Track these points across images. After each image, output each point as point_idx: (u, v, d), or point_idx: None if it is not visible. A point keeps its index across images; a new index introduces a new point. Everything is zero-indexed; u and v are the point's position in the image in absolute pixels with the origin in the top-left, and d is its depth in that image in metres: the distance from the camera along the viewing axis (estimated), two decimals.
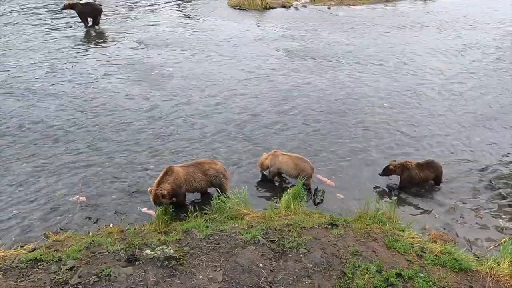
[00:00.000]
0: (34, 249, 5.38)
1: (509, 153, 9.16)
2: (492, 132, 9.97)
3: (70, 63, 12.68)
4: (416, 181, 7.71)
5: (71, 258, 4.93)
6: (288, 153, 7.75)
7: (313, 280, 4.76)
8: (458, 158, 8.89)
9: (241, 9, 19.81)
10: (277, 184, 7.87)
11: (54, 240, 5.73)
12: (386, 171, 7.72)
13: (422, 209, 7.33)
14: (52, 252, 5.18)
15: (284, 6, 20.54)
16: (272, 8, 20.15)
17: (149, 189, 6.62)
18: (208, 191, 7.28)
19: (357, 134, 9.61)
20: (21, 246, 5.76)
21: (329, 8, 20.79)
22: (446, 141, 9.48)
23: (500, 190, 7.87)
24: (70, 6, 15.29)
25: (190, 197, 7.27)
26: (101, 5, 16.44)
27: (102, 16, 15.98)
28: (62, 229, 6.35)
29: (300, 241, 5.36)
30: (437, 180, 7.84)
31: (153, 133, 9.27)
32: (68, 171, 7.87)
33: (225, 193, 6.89)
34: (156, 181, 6.65)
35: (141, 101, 10.65)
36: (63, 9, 15.62)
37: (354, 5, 21.54)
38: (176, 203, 6.89)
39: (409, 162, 7.71)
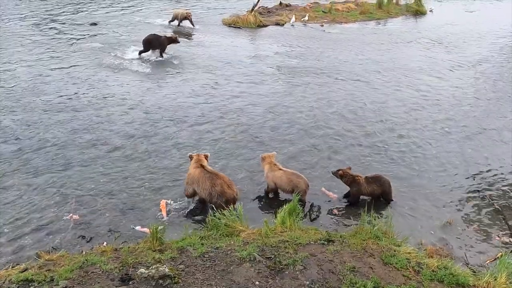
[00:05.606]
0: (26, 269, 5.26)
1: (503, 167, 9.24)
2: (486, 146, 10.07)
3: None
4: (365, 195, 7.70)
5: (63, 278, 4.82)
6: (283, 168, 7.75)
7: None
8: (452, 172, 8.95)
9: (235, 27, 20.11)
10: (272, 200, 7.84)
11: (46, 260, 5.61)
12: (338, 175, 7.72)
13: (417, 224, 7.32)
14: (44, 272, 5.07)
15: (277, 24, 20.89)
16: (266, 26, 20.49)
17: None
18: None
19: (352, 149, 9.66)
20: (13, 266, 5.64)
21: (322, 25, 21.17)
22: (439, 155, 9.55)
23: (495, 204, 7.91)
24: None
25: (186, 215, 7.24)
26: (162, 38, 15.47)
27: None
28: (54, 249, 6.23)
29: (296, 258, 5.31)
30: (385, 196, 7.70)
31: (147, 149, 9.24)
32: (61, 188, 7.79)
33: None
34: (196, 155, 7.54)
35: (135, 118, 10.66)
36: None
37: (346, 23, 21.95)
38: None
39: (359, 177, 7.64)
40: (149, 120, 10.58)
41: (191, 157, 7.61)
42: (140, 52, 15.06)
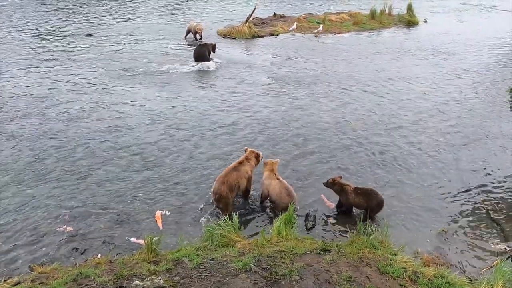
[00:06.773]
0: (18, 283, 5.20)
1: (497, 175, 9.28)
2: (480, 155, 10.12)
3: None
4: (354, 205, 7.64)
5: None
6: (281, 179, 7.73)
7: None
8: (447, 180, 8.98)
9: (230, 37, 20.24)
10: (268, 210, 7.81)
11: (39, 273, 5.54)
12: (328, 184, 7.68)
13: (413, 232, 7.31)
14: (37, 285, 5.01)
15: (272, 34, 21.05)
16: (260, 36, 20.64)
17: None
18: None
19: (347, 159, 9.66)
20: (5, 280, 5.56)
21: (316, 35, 21.36)
22: (434, 163, 9.59)
23: (490, 212, 7.93)
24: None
25: (181, 226, 7.20)
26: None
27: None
28: (48, 261, 6.16)
29: (292, 268, 5.28)
30: (370, 210, 7.46)
31: (142, 160, 9.21)
32: (55, 200, 7.72)
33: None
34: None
35: (128, 128, 10.64)
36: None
37: (340, 33, 22.16)
38: None
39: (348, 185, 7.58)
40: (141, 131, 10.55)
41: (245, 150, 8.07)
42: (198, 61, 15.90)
